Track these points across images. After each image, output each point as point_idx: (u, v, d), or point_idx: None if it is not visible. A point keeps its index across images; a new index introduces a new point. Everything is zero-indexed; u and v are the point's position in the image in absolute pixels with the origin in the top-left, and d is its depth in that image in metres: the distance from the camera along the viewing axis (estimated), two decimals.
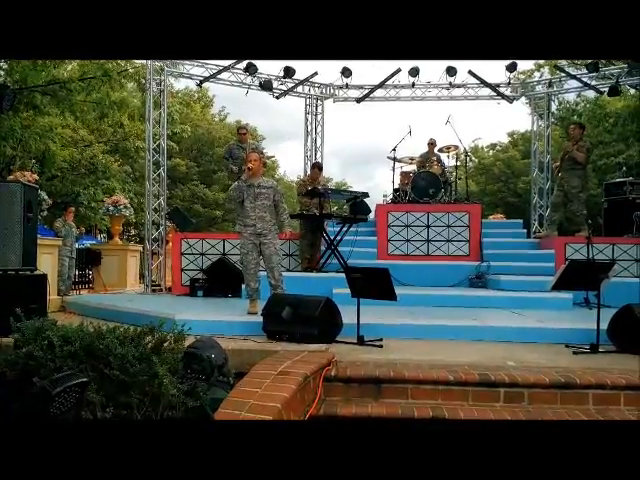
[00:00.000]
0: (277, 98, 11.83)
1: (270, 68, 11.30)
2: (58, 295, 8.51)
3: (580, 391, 3.77)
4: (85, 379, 3.20)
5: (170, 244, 10.19)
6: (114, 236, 12.08)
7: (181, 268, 9.09)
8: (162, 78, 10.26)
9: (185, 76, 10.81)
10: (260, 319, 5.20)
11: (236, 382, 3.63)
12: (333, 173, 72.83)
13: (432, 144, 10.97)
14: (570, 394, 3.77)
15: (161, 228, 10.19)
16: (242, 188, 6.11)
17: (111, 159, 18.80)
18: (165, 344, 3.72)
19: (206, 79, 10.79)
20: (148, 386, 3.36)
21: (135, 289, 10.87)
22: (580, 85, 11.56)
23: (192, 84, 13.61)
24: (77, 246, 10.82)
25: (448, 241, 9.42)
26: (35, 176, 8.79)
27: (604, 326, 4.87)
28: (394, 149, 10.50)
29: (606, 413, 3.62)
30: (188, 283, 8.77)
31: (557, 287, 5.20)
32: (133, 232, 25.51)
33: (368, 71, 12.05)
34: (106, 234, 21.81)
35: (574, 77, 11.48)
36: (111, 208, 11.72)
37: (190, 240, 9.15)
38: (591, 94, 17.82)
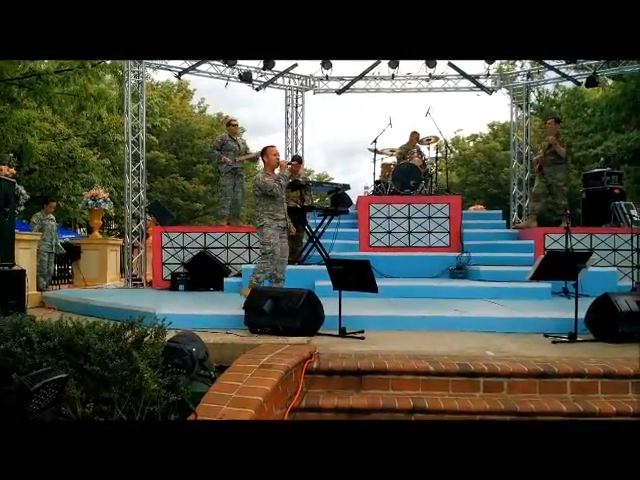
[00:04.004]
0: (257, 90, 11.79)
1: (250, 60, 11.25)
2: (38, 290, 8.42)
3: (559, 380, 3.83)
4: (64, 375, 3.17)
5: (150, 238, 10.12)
6: (94, 230, 11.96)
7: (162, 262, 9.04)
8: (140, 70, 10.16)
9: (163, 68, 10.71)
10: (242, 312, 5.19)
11: (218, 376, 3.63)
12: (319, 166, 72.92)
13: (416, 137, 10.95)
14: (549, 383, 3.82)
15: (141, 222, 10.12)
16: (279, 185, 6.23)
17: (90, 152, 18.55)
18: (146, 339, 3.69)
19: (185, 71, 10.71)
20: (129, 381, 3.33)
21: (115, 283, 10.78)
22: (558, 76, 11.66)
23: (172, 76, 13.44)
24: (59, 241, 10.67)
25: (429, 232, 9.47)
26: (12, 170, 8.63)
27: (582, 315, 4.95)
28: (375, 141, 10.53)
29: (584, 401, 3.68)
30: (169, 277, 8.72)
31: (536, 277, 5.26)
32: (113, 226, 25.25)
33: (348, 63, 12.05)
34: (86, 228, 21.60)
35: (552, 68, 11.57)
36: (90, 202, 11.57)
37: (171, 234, 9.09)
38: (570, 85, 17.94)
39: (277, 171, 6.44)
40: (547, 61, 11.51)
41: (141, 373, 3.26)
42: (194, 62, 10.58)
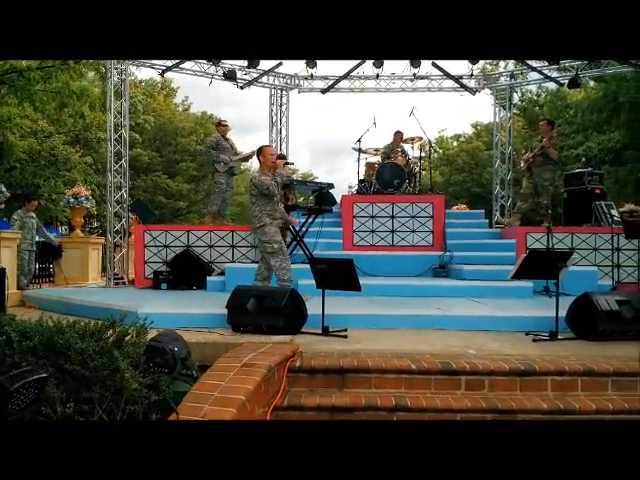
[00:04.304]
0: (241, 88, 11.75)
1: (235, 59, 11.21)
2: (18, 289, 8.32)
3: (539, 378, 3.86)
4: (44, 374, 3.14)
5: (133, 236, 10.04)
6: (75, 228, 11.84)
7: (144, 260, 8.98)
8: (123, 67, 10.08)
9: (147, 65, 10.64)
10: (225, 311, 5.18)
11: (200, 375, 3.62)
12: (304, 165, 72.82)
13: (400, 136, 10.98)
14: (529, 381, 3.86)
15: (123, 220, 10.04)
16: (275, 184, 6.21)
17: (72, 150, 18.39)
18: (127, 338, 3.67)
19: (169, 68, 10.63)
20: (110, 380, 3.31)
21: (97, 282, 10.68)
22: (541, 77, 11.76)
23: (155, 74, 13.37)
24: (38, 238, 10.55)
25: (412, 232, 9.50)
26: None
27: (563, 314, 5.00)
28: (359, 140, 10.54)
29: (564, 399, 3.72)
30: (151, 276, 8.66)
31: (517, 276, 5.31)
32: (95, 224, 25.05)
33: (333, 62, 12.07)
34: (67, 226, 21.38)
35: (535, 69, 11.66)
36: (72, 200, 11.45)
37: (153, 232, 9.03)
38: (552, 86, 18.12)
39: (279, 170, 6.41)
40: (530, 62, 11.61)
41: (122, 372, 3.24)
42: (178, 60, 10.51)
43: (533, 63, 11.59)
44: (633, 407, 3.63)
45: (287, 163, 6.49)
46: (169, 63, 10.52)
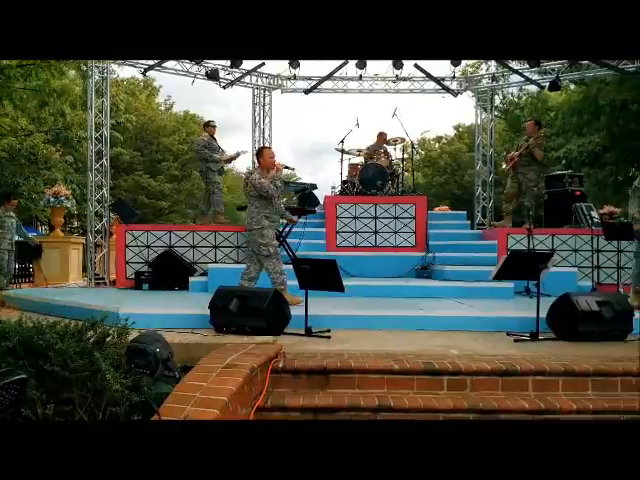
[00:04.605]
0: (224, 88, 11.71)
1: (217, 59, 11.17)
2: None
3: (520, 378, 3.89)
4: (24, 376, 3.10)
5: (114, 236, 9.96)
6: (55, 228, 11.72)
7: (125, 261, 8.90)
8: (104, 66, 9.99)
9: (129, 64, 10.56)
10: (207, 312, 5.15)
11: (182, 376, 3.59)
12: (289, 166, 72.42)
13: (383, 137, 11.03)
14: (511, 381, 3.88)
15: (104, 220, 9.95)
16: (274, 187, 6.19)
17: (52, 149, 18.16)
18: (108, 339, 3.63)
19: (150, 67, 10.57)
20: (90, 382, 3.28)
21: (78, 283, 10.58)
22: (522, 79, 11.87)
23: (137, 73, 13.24)
24: (18, 238, 10.42)
25: (395, 232, 9.53)
26: None
27: (544, 314, 5.04)
28: (342, 141, 10.57)
29: (545, 399, 3.75)
30: (133, 276, 8.60)
31: (498, 277, 5.34)
32: (76, 224, 24.80)
33: (316, 62, 12.07)
34: (47, 226, 21.14)
35: (516, 72, 11.79)
36: (52, 199, 11.34)
37: (135, 232, 8.96)
38: (533, 88, 18.30)
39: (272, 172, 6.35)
40: (511, 64, 11.72)
41: (103, 374, 3.20)
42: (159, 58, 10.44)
43: (514, 65, 11.71)
44: (613, 407, 3.67)
45: (287, 167, 6.49)
46: (151, 62, 10.45)
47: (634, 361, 4.09)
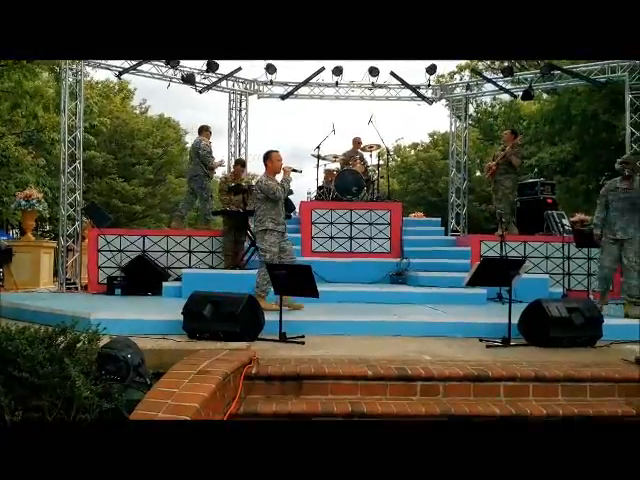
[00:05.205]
0: (200, 92, 11.65)
1: (193, 61, 11.11)
2: None
3: (492, 383, 3.92)
4: None
5: (86, 240, 9.82)
6: (27, 232, 11.51)
7: (98, 265, 8.79)
8: (78, 68, 9.87)
9: (103, 67, 10.44)
10: (180, 318, 5.10)
11: (154, 383, 3.55)
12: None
13: (358, 142, 11.12)
14: (483, 386, 3.91)
15: (77, 224, 9.81)
16: (281, 189, 6.25)
17: (24, 151, 17.86)
18: (78, 345, 3.58)
19: (125, 70, 10.46)
20: (60, 388, 3.23)
21: (49, 287, 10.39)
22: (496, 88, 12.04)
23: (112, 76, 13.11)
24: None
25: (370, 238, 9.57)
26: None
27: (516, 320, 5.10)
28: (318, 147, 10.59)
29: (516, 404, 3.79)
30: (105, 281, 8.48)
31: (471, 283, 5.40)
32: (48, 228, 24.38)
33: (292, 68, 12.08)
34: (18, 230, 20.76)
35: (490, 81, 11.95)
36: (23, 203, 11.13)
37: (107, 236, 8.86)
38: (506, 97, 18.56)
39: (279, 177, 6.42)
40: (485, 74, 11.88)
41: (73, 380, 3.16)
42: (135, 62, 10.35)
43: (488, 74, 11.86)
44: (582, 412, 3.72)
45: (295, 170, 6.56)
46: (126, 65, 10.36)
47: (602, 367, 4.16)
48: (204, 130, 9.95)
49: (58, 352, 3.42)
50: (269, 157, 6.38)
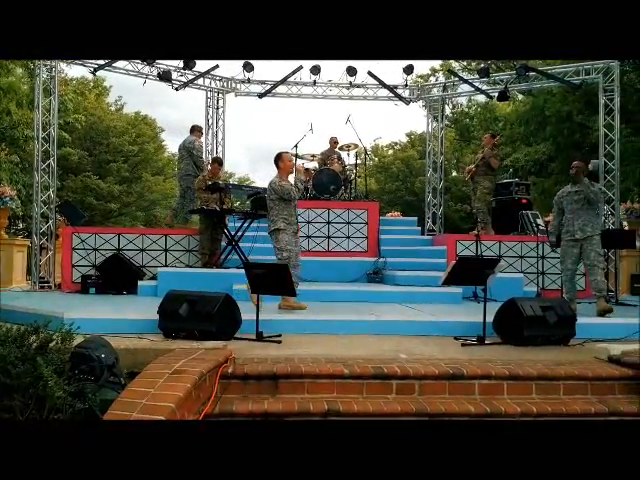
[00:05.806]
0: (176, 90, 11.54)
1: (170, 60, 10.99)
2: None
3: (467, 382, 3.96)
4: None
5: (60, 239, 9.68)
6: None
7: (72, 264, 8.68)
8: (53, 64, 9.71)
9: (78, 63, 10.30)
10: (156, 317, 5.06)
11: (128, 382, 3.51)
12: (242, 169, 72.52)
13: (334, 142, 11.16)
14: (458, 385, 3.95)
15: (50, 222, 9.66)
16: (295, 189, 6.34)
17: None
18: (51, 344, 3.54)
19: (101, 67, 10.32)
20: (32, 388, 3.18)
21: (22, 286, 10.22)
22: (472, 89, 12.14)
23: (87, 72, 12.94)
24: None
25: (348, 237, 9.60)
26: None
27: (490, 319, 5.15)
28: (296, 146, 10.58)
29: (491, 403, 3.83)
30: (79, 280, 8.37)
31: (447, 282, 5.44)
32: (21, 226, 23.98)
33: (270, 67, 12.03)
34: None
35: (466, 81, 12.04)
36: None
37: (82, 234, 8.74)
38: (482, 98, 18.75)
39: (292, 177, 6.53)
40: (463, 74, 11.95)
41: (45, 380, 3.12)
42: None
43: (464, 76, 11.95)
44: (556, 410, 3.77)
45: (307, 169, 6.65)
46: (101, 61, 10.22)
47: (576, 365, 4.22)
48: (196, 130, 9.93)
49: (30, 352, 3.38)
50: (280, 158, 6.45)
